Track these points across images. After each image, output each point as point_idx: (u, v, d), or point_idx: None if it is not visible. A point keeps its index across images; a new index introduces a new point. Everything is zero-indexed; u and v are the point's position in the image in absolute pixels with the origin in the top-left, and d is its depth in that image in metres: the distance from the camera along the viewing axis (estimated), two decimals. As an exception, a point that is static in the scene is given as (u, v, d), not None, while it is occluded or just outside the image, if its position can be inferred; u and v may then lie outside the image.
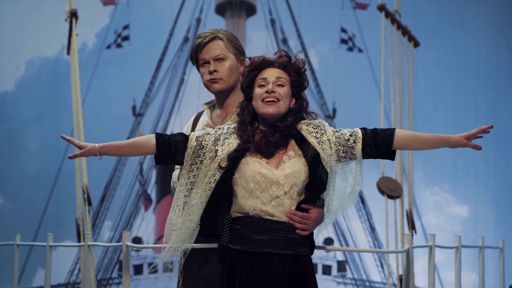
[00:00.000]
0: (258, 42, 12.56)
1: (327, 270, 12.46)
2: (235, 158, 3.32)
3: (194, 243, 3.47)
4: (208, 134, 3.41)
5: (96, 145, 3.35)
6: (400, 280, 6.36)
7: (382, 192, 6.50)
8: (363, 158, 3.37)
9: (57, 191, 11.36)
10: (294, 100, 3.40)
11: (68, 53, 7.18)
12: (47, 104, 11.52)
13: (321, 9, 12.40)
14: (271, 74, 3.39)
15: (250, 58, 3.45)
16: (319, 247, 3.61)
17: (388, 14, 7.18)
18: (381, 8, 7.18)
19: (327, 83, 12.46)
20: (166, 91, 12.59)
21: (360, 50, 12.34)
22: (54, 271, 11.30)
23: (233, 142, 3.36)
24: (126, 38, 12.28)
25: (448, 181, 11.73)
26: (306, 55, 12.44)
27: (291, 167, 3.31)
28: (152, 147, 3.39)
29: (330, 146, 3.35)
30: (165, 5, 12.38)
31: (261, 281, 3.28)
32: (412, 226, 6.59)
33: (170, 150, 3.39)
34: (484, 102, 11.61)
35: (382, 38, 7.09)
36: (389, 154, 3.38)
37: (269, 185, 3.30)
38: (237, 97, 3.70)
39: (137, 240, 11.96)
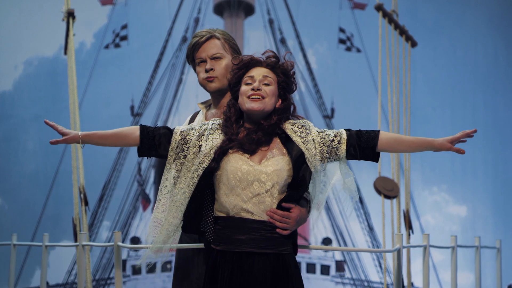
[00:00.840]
0: (257, 42, 12.55)
1: (325, 270, 12.46)
2: (221, 154, 3.32)
3: (183, 243, 3.46)
4: (193, 129, 3.40)
5: (80, 133, 3.35)
6: (397, 280, 6.36)
7: (378, 192, 6.50)
8: (347, 159, 3.38)
9: (56, 191, 11.36)
10: (280, 101, 3.41)
11: (66, 53, 7.18)
12: (45, 104, 11.52)
13: (319, 9, 12.40)
14: (258, 72, 3.39)
15: (238, 57, 3.46)
16: (303, 246, 3.61)
17: (385, 14, 7.18)
18: (379, 8, 7.17)
19: (326, 83, 12.45)
20: (165, 91, 12.58)
21: (358, 50, 12.33)
22: (53, 271, 11.33)
23: (217, 138, 3.35)
24: (124, 38, 12.27)
25: (446, 181, 11.72)
26: (304, 55, 12.44)
27: (274, 165, 3.31)
28: (135, 139, 3.38)
29: (315, 146, 3.36)
30: (163, 5, 12.38)
31: (243, 281, 3.27)
32: (409, 226, 6.58)
33: (154, 143, 3.38)
34: (482, 102, 11.61)
35: (379, 38, 7.09)
36: (373, 156, 3.39)
37: (251, 182, 3.29)
38: None
39: (135, 240, 11.95)
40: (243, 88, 3.38)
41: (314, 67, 12.49)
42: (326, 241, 12.24)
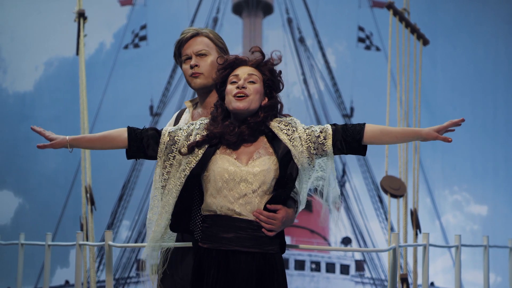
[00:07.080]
0: (275, 41, 12.56)
1: (345, 269, 12.43)
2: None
3: (172, 242, 3.47)
4: (181, 129, 3.40)
5: (67, 137, 3.35)
6: (402, 279, 6.34)
7: (385, 191, 6.48)
8: (335, 154, 3.36)
9: (75, 191, 11.44)
10: (266, 99, 3.40)
11: (78, 53, 7.24)
12: (65, 105, 11.60)
13: (338, 8, 12.38)
14: (243, 71, 3.39)
15: (223, 57, 3.46)
16: (290, 246, 3.60)
17: (396, 12, 7.16)
18: (389, 6, 7.16)
19: (345, 82, 12.43)
20: (183, 91, 12.62)
21: (377, 49, 12.29)
22: (73, 270, 11.38)
23: None
24: (143, 38, 12.34)
25: (467, 180, 11.65)
26: (323, 54, 12.43)
27: (260, 165, 3.30)
28: (123, 141, 3.38)
29: (301, 143, 3.34)
30: (182, 5, 12.42)
31: (228, 279, 3.26)
32: (416, 225, 6.55)
33: (142, 145, 3.37)
34: (503, 101, 11.52)
35: (389, 36, 7.07)
36: (360, 149, 3.36)
37: (237, 183, 3.28)
38: None
39: (154, 239, 12.00)
40: (229, 87, 3.37)
41: (333, 66, 12.47)
42: (346, 240, 12.22)
